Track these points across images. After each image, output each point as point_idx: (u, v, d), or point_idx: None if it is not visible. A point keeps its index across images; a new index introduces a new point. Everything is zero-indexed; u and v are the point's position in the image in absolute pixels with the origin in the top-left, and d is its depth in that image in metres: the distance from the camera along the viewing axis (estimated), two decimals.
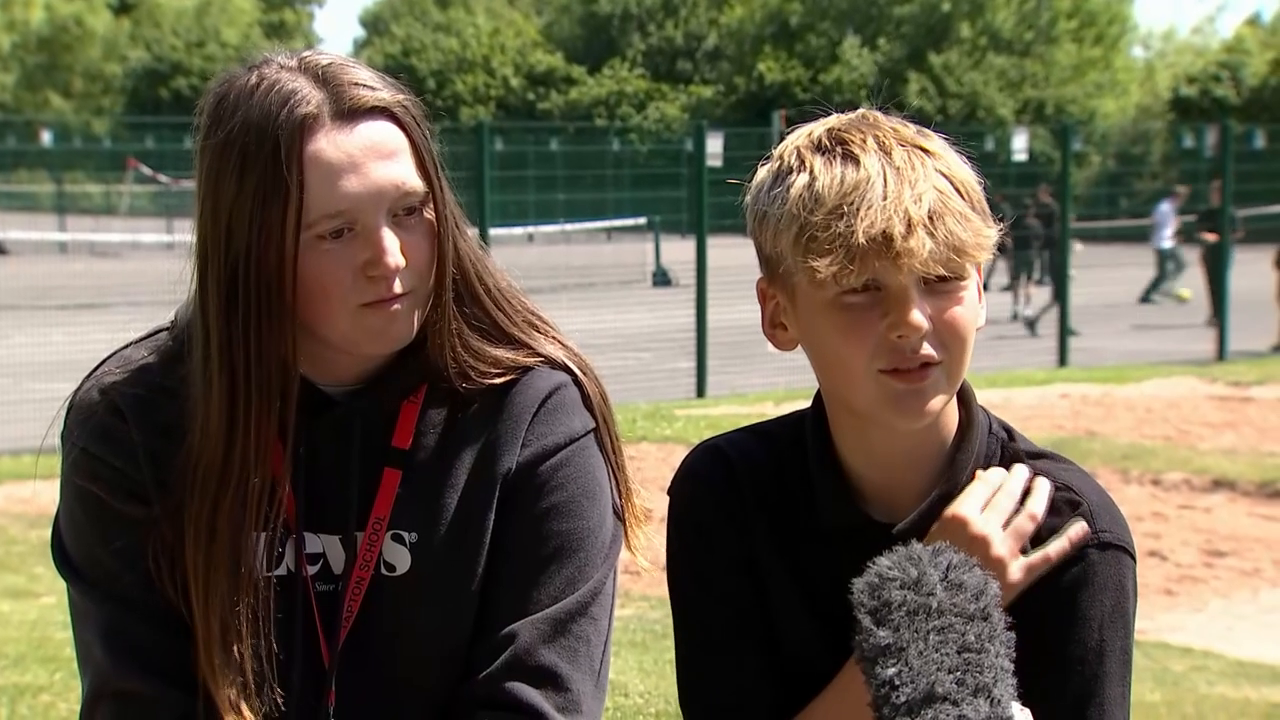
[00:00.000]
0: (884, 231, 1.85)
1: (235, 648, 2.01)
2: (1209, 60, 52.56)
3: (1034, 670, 1.87)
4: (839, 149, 1.93)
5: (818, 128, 1.99)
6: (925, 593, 1.69)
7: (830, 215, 1.88)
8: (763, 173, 2.00)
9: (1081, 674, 1.94)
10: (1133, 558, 1.98)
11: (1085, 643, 1.94)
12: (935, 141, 1.97)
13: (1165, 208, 25.65)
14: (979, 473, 2.01)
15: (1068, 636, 1.94)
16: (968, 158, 1.98)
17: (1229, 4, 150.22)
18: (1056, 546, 1.95)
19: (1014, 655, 1.73)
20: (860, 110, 2.01)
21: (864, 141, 1.93)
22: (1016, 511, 1.97)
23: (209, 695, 2.01)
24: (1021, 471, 2.01)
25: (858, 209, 1.87)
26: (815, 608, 2.02)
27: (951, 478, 1.99)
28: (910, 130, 1.97)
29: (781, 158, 1.98)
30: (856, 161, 1.91)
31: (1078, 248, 22.54)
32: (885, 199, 1.87)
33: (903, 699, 1.65)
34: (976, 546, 1.92)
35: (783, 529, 2.05)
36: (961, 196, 1.92)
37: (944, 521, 1.97)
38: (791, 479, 2.06)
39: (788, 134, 2.02)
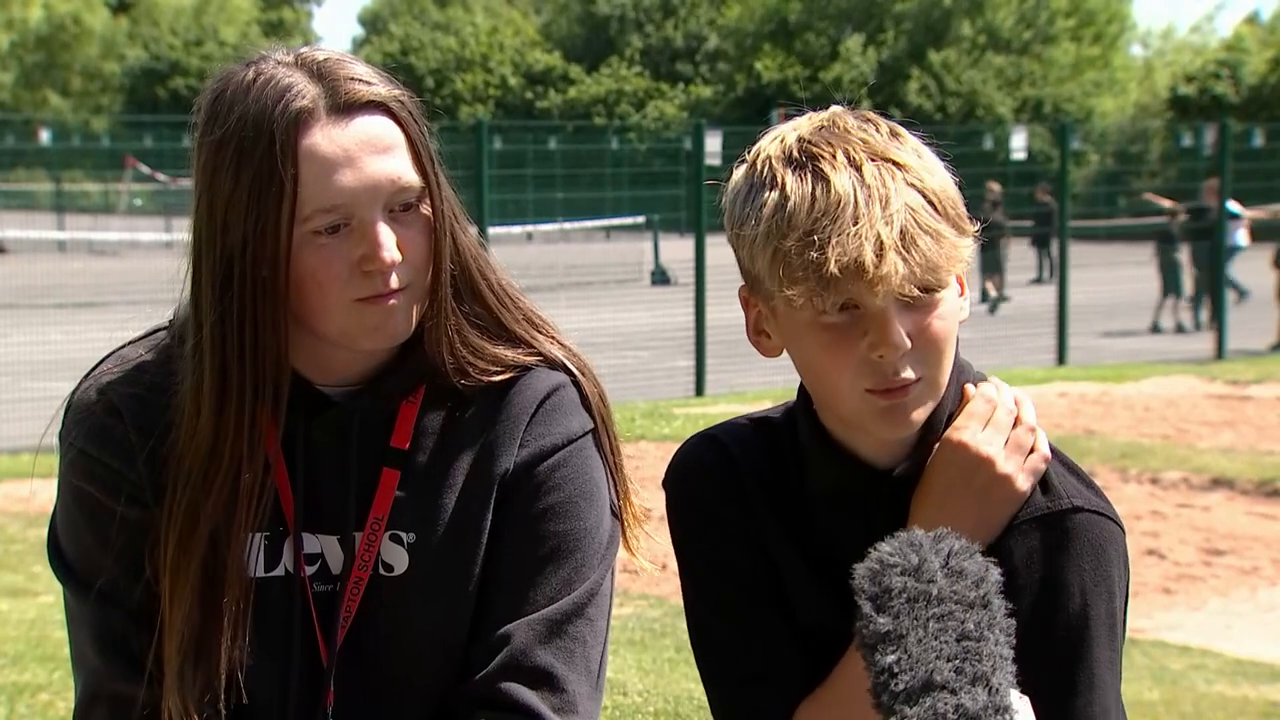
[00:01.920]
0: (856, 260, 1.85)
1: (204, 647, 2.00)
2: (1208, 59, 52.53)
3: (1021, 641, 1.88)
4: (810, 164, 1.91)
5: (789, 134, 1.97)
6: (926, 580, 1.70)
7: (801, 242, 1.87)
8: (738, 176, 1.99)
9: (1067, 640, 1.95)
10: (1113, 520, 2.00)
11: (1068, 609, 1.95)
12: (907, 148, 1.94)
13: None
14: (968, 389, 2.03)
15: (1051, 604, 1.95)
16: (943, 156, 1.97)
17: (1228, 3, 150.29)
18: (1043, 440, 2.00)
19: (1014, 642, 1.74)
20: (830, 111, 1.99)
21: (834, 156, 1.91)
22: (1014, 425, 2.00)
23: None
24: (1008, 388, 2.03)
25: (829, 236, 1.86)
26: (824, 573, 2.02)
27: (935, 419, 2.00)
28: (881, 138, 1.94)
29: (755, 165, 1.97)
30: (827, 181, 1.89)
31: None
32: (856, 223, 1.86)
33: (901, 687, 1.66)
34: (982, 466, 1.97)
35: (782, 504, 2.06)
36: (935, 208, 1.90)
37: (946, 445, 1.99)
38: (786, 455, 2.07)
39: (761, 134, 2.01)
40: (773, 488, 2.07)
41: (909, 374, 1.91)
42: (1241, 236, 23.28)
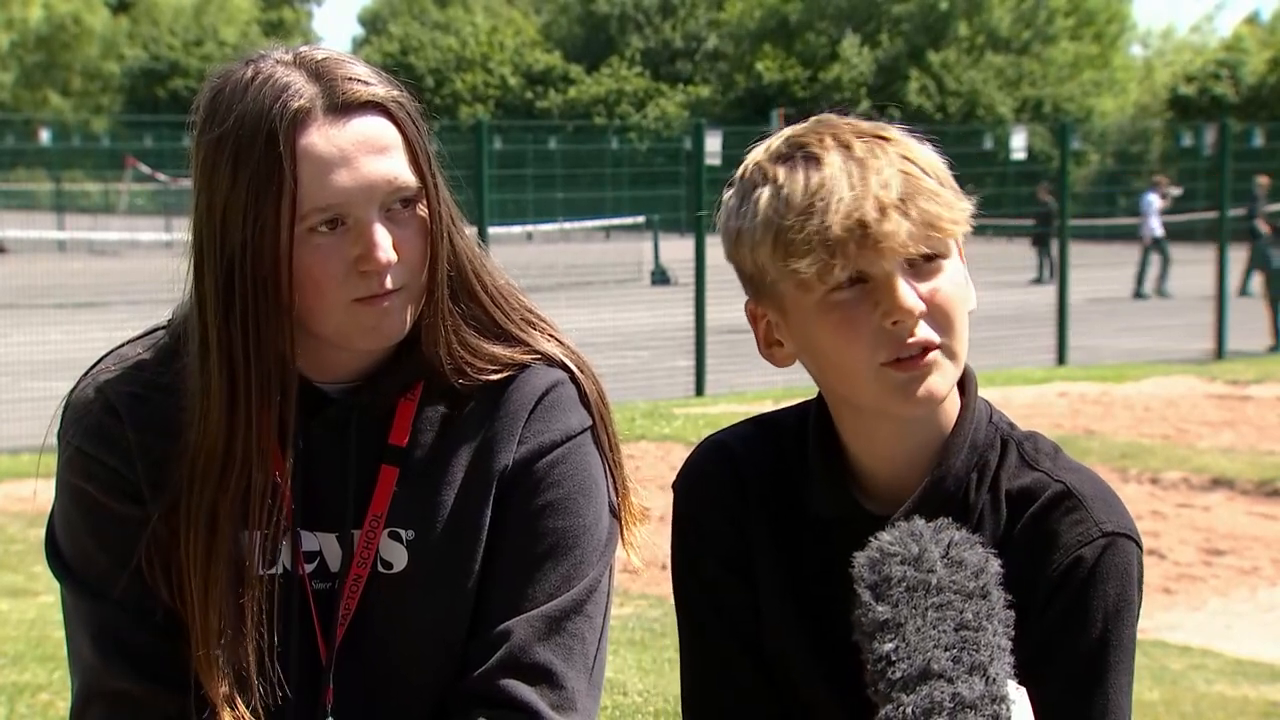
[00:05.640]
0: (859, 219, 1.86)
1: (234, 642, 2.01)
2: (1207, 59, 52.49)
3: (1039, 660, 1.88)
4: (799, 153, 1.94)
5: (774, 140, 2.00)
6: (925, 569, 1.70)
7: (802, 216, 1.88)
8: (728, 195, 2.01)
9: (1088, 664, 1.94)
10: (1136, 543, 1.98)
11: (1090, 633, 1.93)
12: (892, 131, 1.97)
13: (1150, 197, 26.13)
14: None
15: (1073, 627, 1.94)
16: (933, 145, 1.99)
17: (1227, 2, 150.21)
18: None
19: (1012, 634, 1.74)
20: (816, 117, 2.02)
21: (821, 140, 1.93)
22: None
23: (202, 692, 2.01)
24: None
25: (828, 204, 1.88)
26: (800, 596, 2.02)
27: (943, 462, 1.99)
28: (868, 124, 1.97)
29: (744, 174, 1.99)
30: (818, 161, 1.91)
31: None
32: (853, 189, 1.88)
33: (899, 675, 1.66)
34: None
35: (783, 519, 2.05)
36: (928, 175, 1.92)
37: None
38: (794, 469, 2.06)
39: (751, 149, 2.03)
40: (777, 501, 2.06)
41: (926, 334, 1.89)
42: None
